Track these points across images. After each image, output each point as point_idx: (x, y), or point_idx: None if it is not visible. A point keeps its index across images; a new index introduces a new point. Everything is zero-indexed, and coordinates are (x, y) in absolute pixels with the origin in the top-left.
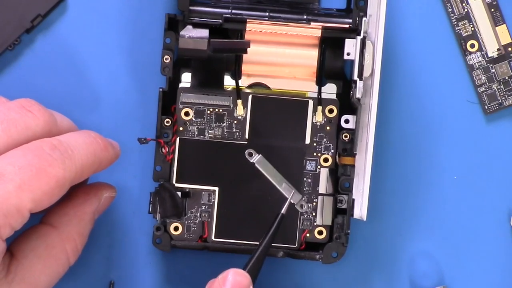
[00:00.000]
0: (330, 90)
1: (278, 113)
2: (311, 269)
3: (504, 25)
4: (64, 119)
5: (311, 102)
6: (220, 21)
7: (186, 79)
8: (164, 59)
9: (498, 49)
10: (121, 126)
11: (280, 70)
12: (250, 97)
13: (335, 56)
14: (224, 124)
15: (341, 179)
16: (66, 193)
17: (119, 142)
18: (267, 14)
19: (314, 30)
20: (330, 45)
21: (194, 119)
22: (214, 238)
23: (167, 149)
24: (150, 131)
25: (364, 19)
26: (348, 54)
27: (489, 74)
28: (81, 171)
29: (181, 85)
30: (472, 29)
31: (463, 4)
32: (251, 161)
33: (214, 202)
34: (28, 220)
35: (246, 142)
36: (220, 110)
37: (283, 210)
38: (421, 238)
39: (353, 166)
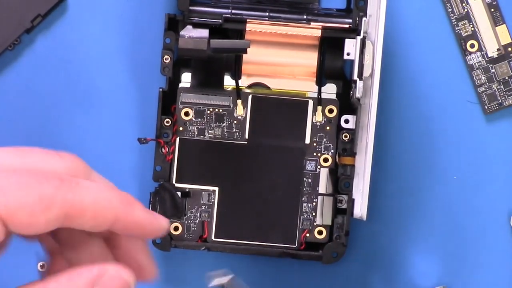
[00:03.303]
0: (330, 90)
1: (278, 113)
2: (311, 269)
3: (504, 25)
4: (106, 181)
5: (311, 102)
6: (220, 21)
7: (186, 79)
8: (164, 59)
9: (498, 49)
10: (121, 126)
11: (280, 70)
12: (250, 97)
13: (335, 56)
14: (224, 124)
15: (341, 179)
16: None
17: (119, 142)
18: (267, 14)
19: (314, 30)
20: (330, 45)
21: (194, 119)
22: (214, 238)
23: (167, 149)
24: (150, 131)
25: (364, 19)
26: (348, 54)
27: (489, 74)
28: (81, 209)
29: (181, 85)
30: (472, 29)
31: (463, 4)
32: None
33: (214, 202)
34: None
35: (246, 142)
36: (220, 110)
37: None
38: (421, 238)
39: (353, 166)
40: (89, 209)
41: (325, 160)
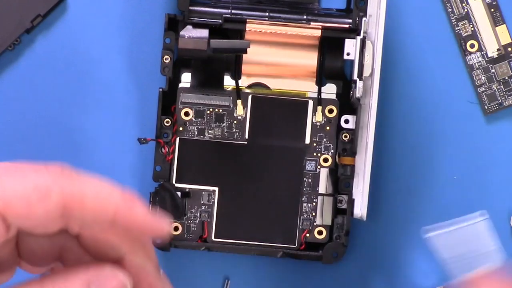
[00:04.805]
0: (330, 90)
1: (278, 113)
2: (311, 269)
3: (504, 25)
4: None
5: (311, 102)
6: (220, 21)
7: (186, 79)
8: (164, 59)
9: (498, 49)
10: (121, 126)
11: (280, 70)
12: (250, 97)
13: (335, 56)
14: (224, 124)
15: (341, 179)
16: None
17: (119, 142)
18: (267, 14)
19: (314, 30)
20: (330, 45)
21: (194, 119)
22: (214, 238)
23: (167, 149)
24: (150, 131)
25: (364, 19)
26: (348, 54)
27: (489, 74)
28: (81, 200)
29: (181, 85)
30: (472, 29)
31: (463, 4)
32: None
33: (214, 202)
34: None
35: (246, 142)
36: (220, 110)
37: None
38: (421, 238)
39: (353, 166)
40: (89, 201)
41: (325, 160)
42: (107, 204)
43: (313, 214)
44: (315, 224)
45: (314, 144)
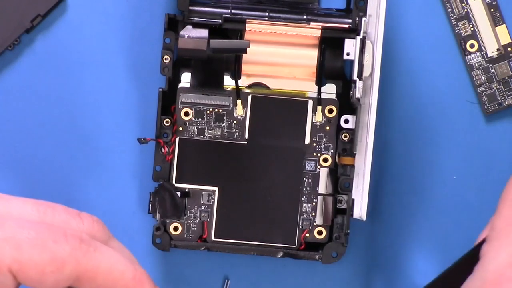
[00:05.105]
0: (329, 90)
1: (277, 113)
2: (311, 269)
3: (504, 25)
4: (124, 249)
5: (310, 102)
6: (220, 21)
7: (185, 79)
8: (164, 59)
9: (498, 49)
10: (121, 126)
11: (280, 70)
12: (249, 97)
13: (335, 56)
14: (224, 124)
15: (341, 179)
16: None
17: (119, 142)
18: (267, 14)
19: (314, 30)
20: (330, 45)
21: (193, 119)
22: (214, 238)
23: (167, 149)
24: (150, 131)
25: (363, 19)
26: (347, 54)
27: (488, 74)
28: (93, 276)
29: (180, 85)
30: (472, 29)
31: (463, 4)
32: None
33: (213, 202)
34: None
35: (245, 142)
36: (220, 110)
37: None
38: (421, 238)
39: (352, 166)
40: (100, 277)
41: (325, 160)
42: (117, 283)
43: (313, 214)
44: (315, 224)
45: (314, 144)
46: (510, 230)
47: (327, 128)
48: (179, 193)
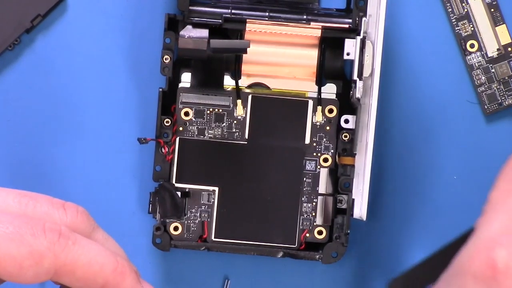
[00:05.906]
0: (329, 90)
1: (278, 113)
2: (311, 269)
3: (504, 25)
4: (109, 240)
5: (311, 102)
6: (220, 21)
7: (186, 79)
8: (164, 59)
9: (498, 49)
10: (121, 126)
11: (280, 70)
12: (250, 97)
13: (335, 56)
14: (224, 124)
15: (341, 179)
16: None
17: (119, 142)
18: (267, 14)
19: (314, 30)
20: (330, 45)
21: (194, 119)
22: (214, 238)
23: (167, 149)
24: (150, 131)
25: (364, 19)
26: (348, 54)
27: (489, 74)
28: (72, 270)
29: (181, 85)
30: (472, 29)
31: (463, 4)
32: None
33: (214, 202)
34: None
35: (246, 142)
36: (220, 110)
37: None
38: (421, 238)
39: (353, 166)
40: (80, 271)
41: (325, 160)
42: (97, 276)
43: (313, 214)
44: (315, 224)
45: (314, 144)
46: (504, 202)
47: (327, 128)
48: (179, 193)
